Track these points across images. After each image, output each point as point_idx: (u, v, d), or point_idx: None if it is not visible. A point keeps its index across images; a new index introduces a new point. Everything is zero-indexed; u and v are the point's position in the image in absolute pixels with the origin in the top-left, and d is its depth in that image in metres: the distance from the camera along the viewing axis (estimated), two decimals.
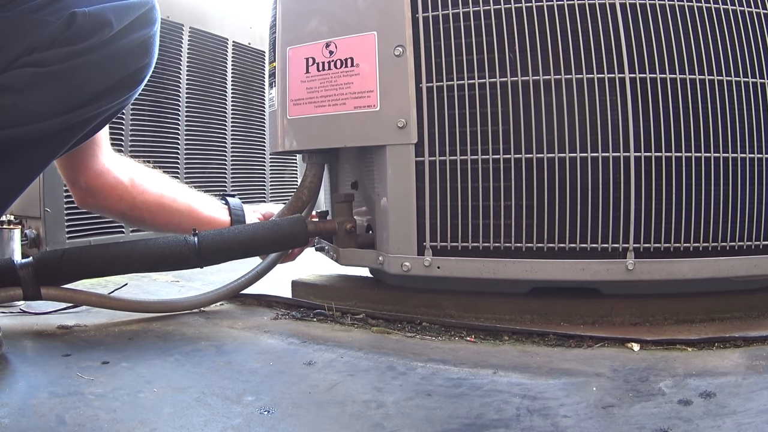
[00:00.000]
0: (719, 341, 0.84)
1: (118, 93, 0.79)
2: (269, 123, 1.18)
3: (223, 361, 0.81)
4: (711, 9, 0.90)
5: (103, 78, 0.75)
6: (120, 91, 0.79)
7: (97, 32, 0.72)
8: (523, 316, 0.98)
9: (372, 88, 0.99)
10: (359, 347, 0.87)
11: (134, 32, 0.76)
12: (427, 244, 0.97)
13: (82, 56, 0.71)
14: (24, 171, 0.77)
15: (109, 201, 1.03)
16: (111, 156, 1.02)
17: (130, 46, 0.76)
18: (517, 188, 0.92)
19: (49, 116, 0.71)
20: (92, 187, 1.00)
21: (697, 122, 0.89)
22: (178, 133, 1.84)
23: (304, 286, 1.18)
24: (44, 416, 0.62)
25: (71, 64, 0.71)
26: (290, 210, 1.15)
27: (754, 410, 0.62)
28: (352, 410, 0.65)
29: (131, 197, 1.04)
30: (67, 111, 0.73)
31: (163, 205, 1.08)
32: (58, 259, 0.95)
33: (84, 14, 0.70)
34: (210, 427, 0.61)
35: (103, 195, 1.01)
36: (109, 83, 0.76)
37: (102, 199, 1.02)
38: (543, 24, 0.91)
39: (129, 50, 0.77)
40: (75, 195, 1.03)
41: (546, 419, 0.62)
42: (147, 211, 1.06)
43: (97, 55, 0.72)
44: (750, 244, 0.91)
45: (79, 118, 0.75)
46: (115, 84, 0.77)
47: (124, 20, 0.74)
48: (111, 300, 1.04)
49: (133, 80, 0.80)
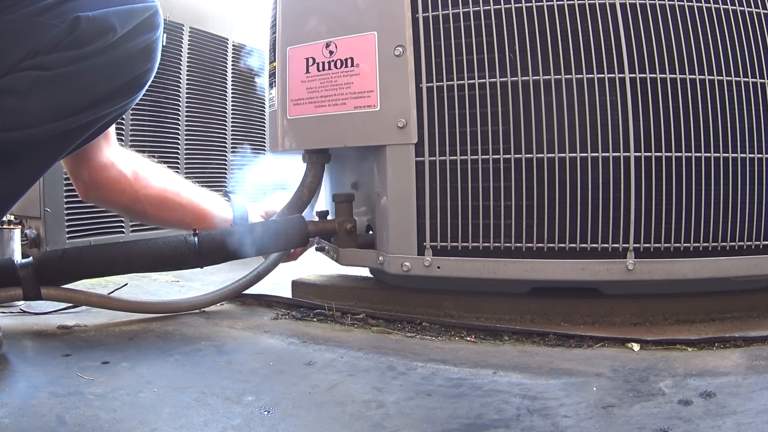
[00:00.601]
0: (719, 341, 0.84)
1: (121, 97, 0.79)
2: (269, 123, 1.18)
3: (223, 361, 0.81)
4: (711, 9, 0.90)
5: (106, 82, 0.76)
6: (122, 95, 0.79)
7: (100, 37, 0.72)
8: (523, 316, 0.98)
9: (372, 88, 0.99)
10: (359, 347, 0.87)
11: (137, 37, 0.76)
12: (427, 244, 0.97)
13: (86, 60, 0.71)
14: (26, 173, 0.77)
15: (112, 194, 1.03)
16: (115, 149, 1.02)
17: (133, 50, 0.76)
18: (517, 188, 0.92)
19: (51, 119, 0.71)
20: (96, 180, 1.00)
21: (697, 122, 0.89)
22: (178, 133, 1.84)
23: (304, 286, 1.18)
24: (44, 416, 0.62)
25: (74, 68, 0.71)
26: (290, 210, 1.15)
27: (754, 410, 0.62)
28: (352, 410, 0.65)
29: (134, 191, 1.04)
30: (70, 114, 0.73)
31: (166, 199, 1.08)
32: (58, 259, 0.95)
33: (88, 18, 0.70)
34: (210, 427, 0.61)
35: (106, 188, 1.01)
36: (111, 87, 0.76)
37: (105, 192, 1.02)
38: (543, 24, 0.91)
39: (132, 55, 0.77)
40: (78, 188, 1.03)
41: (546, 419, 0.62)
42: (150, 205, 1.06)
43: (100, 60, 0.72)
44: (750, 244, 0.91)
45: (81, 122, 0.75)
46: (118, 88, 0.77)
47: (127, 25, 0.75)
48: (111, 300, 1.04)
49: (135, 84, 0.80)
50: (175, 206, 1.08)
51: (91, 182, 1.00)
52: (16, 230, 1.27)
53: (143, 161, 1.08)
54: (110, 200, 1.05)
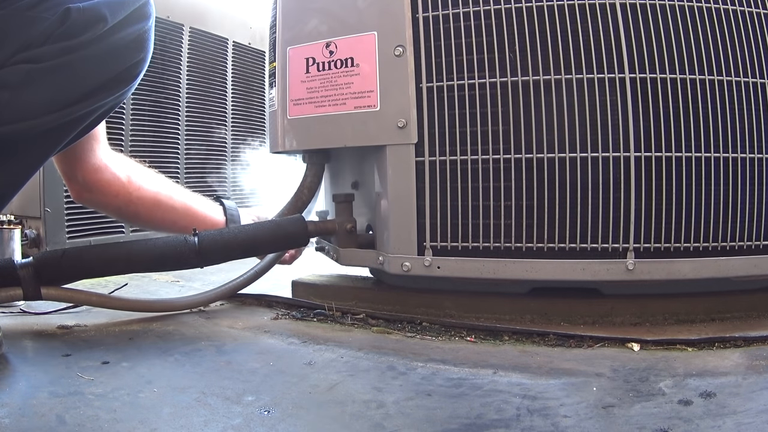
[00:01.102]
0: (719, 341, 0.84)
1: (114, 88, 0.79)
2: (269, 123, 1.18)
3: (223, 361, 0.81)
4: (711, 9, 0.90)
5: (99, 73, 0.75)
6: (116, 86, 0.79)
7: (91, 27, 0.72)
8: (523, 316, 0.98)
9: (372, 88, 0.99)
10: (359, 347, 0.87)
11: (129, 27, 0.76)
12: (427, 244, 0.97)
13: (77, 51, 0.71)
14: (21, 168, 0.77)
15: (105, 196, 1.02)
16: (108, 152, 1.02)
17: (125, 41, 0.76)
18: (517, 188, 0.92)
19: (44, 112, 0.71)
20: (89, 182, 1.00)
21: (697, 122, 0.89)
22: (178, 133, 1.84)
23: (304, 286, 1.18)
24: (44, 416, 0.62)
25: (66, 60, 0.70)
26: (290, 210, 1.15)
27: (755, 410, 0.62)
28: (352, 410, 0.65)
29: (127, 193, 1.03)
30: (63, 107, 0.73)
31: (160, 202, 1.08)
32: (59, 259, 0.95)
33: (78, 10, 0.70)
34: (210, 427, 0.61)
35: (99, 190, 1.01)
36: (104, 78, 0.76)
37: (98, 194, 1.02)
38: (543, 24, 0.91)
39: (124, 45, 0.76)
40: (72, 190, 1.03)
41: (546, 419, 0.62)
42: (143, 207, 1.06)
43: (92, 51, 0.72)
44: (750, 244, 0.91)
45: (75, 114, 0.75)
46: (111, 79, 0.77)
47: (118, 15, 0.74)
48: (111, 300, 1.05)
49: (128, 75, 0.80)
50: (168, 209, 1.08)
51: (84, 184, 1.00)
52: (16, 230, 1.27)
53: (136, 165, 1.08)
54: (103, 202, 1.04)
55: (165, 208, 1.08)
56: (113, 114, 1.71)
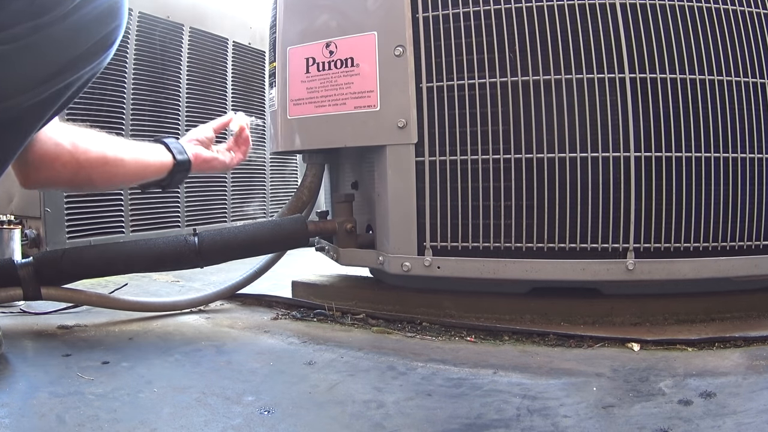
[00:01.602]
0: (719, 341, 0.84)
1: (90, 59, 0.77)
2: (269, 123, 1.18)
3: (223, 361, 0.81)
4: (711, 9, 0.90)
5: (72, 47, 0.74)
6: (91, 57, 0.78)
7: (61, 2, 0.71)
8: (523, 316, 0.98)
9: (372, 88, 0.99)
10: (359, 347, 0.87)
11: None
12: (427, 244, 0.97)
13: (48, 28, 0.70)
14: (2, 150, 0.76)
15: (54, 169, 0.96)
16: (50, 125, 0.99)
17: (97, 11, 0.75)
18: (517, 188, 0.92)
19: (20, 92, 0.70)
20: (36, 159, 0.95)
21: (697, 122, 0.89)
22: (178, 133, 1.84)
23: (304, 286, 1.18)
24: (44, 416, 0.62)
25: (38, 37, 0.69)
26: (290, 210, 1.15)
27: (755, 410, 0.62)
28: (352, 410, 0.65)
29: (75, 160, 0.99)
30: (38, 84, 0.72)
31: (107, 160, 1.02)
32: (59, 259, 0.95)
33: None
34: (210, 427, 0.61)
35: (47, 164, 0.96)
36: (78, 51, 0.75)
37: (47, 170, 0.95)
38: (543, 24, 0.91)
39: (96, 16, 0.75)
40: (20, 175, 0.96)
41: (546, 419, 0.62)
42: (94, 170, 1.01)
43: (63, 26, 0.71)
44: (750, 244, 0.91)
45: (51, 90, 0.74)
46: (85, 51, 0.76)
47: None
48: (111, 300, 1.05)
49: (103, 44, 0.78)
50: (118, 165, 1.03)
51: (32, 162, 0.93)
52: (16, 230, 1.27)
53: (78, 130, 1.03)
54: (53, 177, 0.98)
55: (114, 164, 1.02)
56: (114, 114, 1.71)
